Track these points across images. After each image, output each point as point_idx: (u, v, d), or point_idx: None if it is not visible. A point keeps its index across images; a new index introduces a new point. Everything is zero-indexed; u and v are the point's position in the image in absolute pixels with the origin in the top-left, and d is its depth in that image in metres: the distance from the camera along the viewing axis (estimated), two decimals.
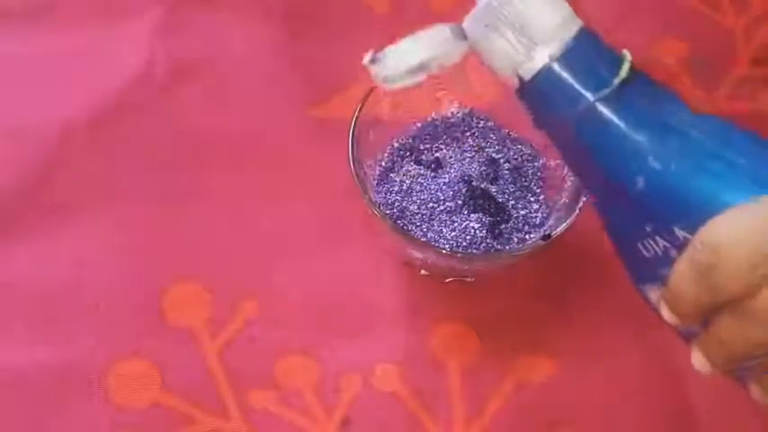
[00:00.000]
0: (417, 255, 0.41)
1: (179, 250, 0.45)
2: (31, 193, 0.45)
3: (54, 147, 0.47)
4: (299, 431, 0.40)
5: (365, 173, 0.41)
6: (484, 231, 0.41)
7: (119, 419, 0.40)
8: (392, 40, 0.52)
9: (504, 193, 0.42)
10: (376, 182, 0.44)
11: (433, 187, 0.42)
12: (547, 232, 0.39)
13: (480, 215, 0.41)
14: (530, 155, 0.44)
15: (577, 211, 0.38)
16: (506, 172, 0.43)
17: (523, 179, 0.43)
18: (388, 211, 0.42)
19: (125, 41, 0.51)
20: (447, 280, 0.44)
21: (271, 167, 0.47)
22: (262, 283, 0.44)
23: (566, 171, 0.41)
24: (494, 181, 0.43)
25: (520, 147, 0.44)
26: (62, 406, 0.40)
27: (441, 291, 0.44)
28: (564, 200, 0.41)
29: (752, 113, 0.50)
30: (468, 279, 0.44)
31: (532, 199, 0.43)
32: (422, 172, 0.43)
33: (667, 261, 0.28)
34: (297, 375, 0.42)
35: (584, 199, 0.38)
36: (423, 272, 0.44)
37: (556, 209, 0.42)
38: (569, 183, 0.41)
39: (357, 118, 0.40)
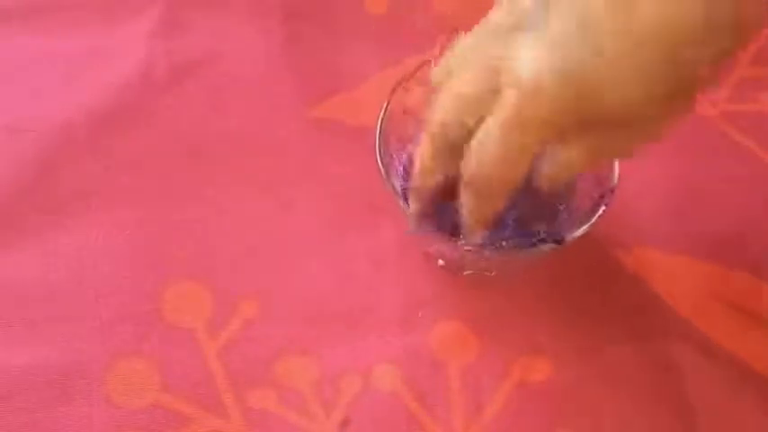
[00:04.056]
0: (437, 245, 0.41)
1: (179, 250, 0.45)
2: (31, 192, 0.45)
3: (54, 147, 0.47)
4: (299, 431, 0.40)
5: (390, 161, 0.41)
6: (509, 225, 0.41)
7: (119, 419, 0.40)
8: (390, 41, 0.52)
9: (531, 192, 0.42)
10: (401, 169, 0.43)
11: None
12: (561, 235, 0.39)
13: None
14: None
15: (594, 219, 0.38)
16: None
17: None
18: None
19: (125, 41, 0.51)
20: (465, 272, 0.44)
21: (270, 167, 0.47)
22: (262, 283, 0.44)
23: (593, 178, 0.41)
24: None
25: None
26: (62, 406, 0.40)
27: (440, 291, 0.44)
28: (585, 206, 0.40)
29: (752, 114, 0.50)
30: (488, 273, 0.44)
31: (561, 204, 0.42)
32: None
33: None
34: (297, 375, 0.42)
35: (604, 207, 0.38)
36: (440, 262, 0.44)
37: (577, 215, 0.41)
38: (594, 190, 0.40)
39: (387, 105, 0.40)
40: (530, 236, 0.41)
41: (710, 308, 0.44)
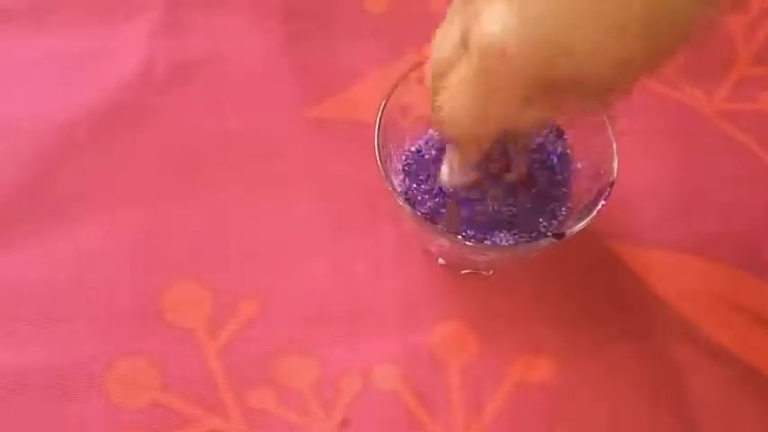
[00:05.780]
0: (437, 242, 0.41)
1: (179, 250, 0.45)
2: (31, 193, 0.45)
3: (54, 147, 0.47)
4: (299, 431, 0.40)
5: (388, 157, 0.41)
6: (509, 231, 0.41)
7: (119, 419, 0.40)
8: (390, 41, 0.52)
9: (531, 190, 0.42)
10: (402, 167, 0.43)
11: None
12: (561, 230, 0.39)
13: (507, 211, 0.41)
14: (561, 154, 0.43)
15: (594, 213, 0.38)
16: (537, 169, 0.42)
17: (556, 177, 0.43)
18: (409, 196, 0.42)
19: (125, 42, 0.51)
20: (464, 271, 0.44)
21: (269, 167, 0.47)
22: (262, 282, 0.44)
23: (592, 174, 0.41)
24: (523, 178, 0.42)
25: (554, 146, 0.44)
26: (62, 406, 0.40)
27: (440, 291, 0.44)
28: (585, 202, 0.40)
29: (752, 113, 0.50)
30: (486, 272, 0.44)
31: (560, 199, 0.42)
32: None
33: None
34: (296, 375, 0.42)
35: (603, 202, 0.38)
36: (440, 261, 0.44)
37: (577, 210, 0.41)
38: (593, 186, 0.40)
39: (386, 104, 0.40)
40: (530, 231, 0.41)
41: (711, 307, 0.44)
